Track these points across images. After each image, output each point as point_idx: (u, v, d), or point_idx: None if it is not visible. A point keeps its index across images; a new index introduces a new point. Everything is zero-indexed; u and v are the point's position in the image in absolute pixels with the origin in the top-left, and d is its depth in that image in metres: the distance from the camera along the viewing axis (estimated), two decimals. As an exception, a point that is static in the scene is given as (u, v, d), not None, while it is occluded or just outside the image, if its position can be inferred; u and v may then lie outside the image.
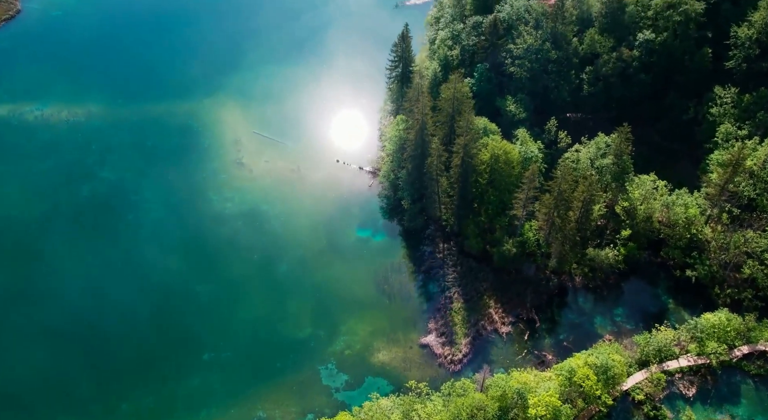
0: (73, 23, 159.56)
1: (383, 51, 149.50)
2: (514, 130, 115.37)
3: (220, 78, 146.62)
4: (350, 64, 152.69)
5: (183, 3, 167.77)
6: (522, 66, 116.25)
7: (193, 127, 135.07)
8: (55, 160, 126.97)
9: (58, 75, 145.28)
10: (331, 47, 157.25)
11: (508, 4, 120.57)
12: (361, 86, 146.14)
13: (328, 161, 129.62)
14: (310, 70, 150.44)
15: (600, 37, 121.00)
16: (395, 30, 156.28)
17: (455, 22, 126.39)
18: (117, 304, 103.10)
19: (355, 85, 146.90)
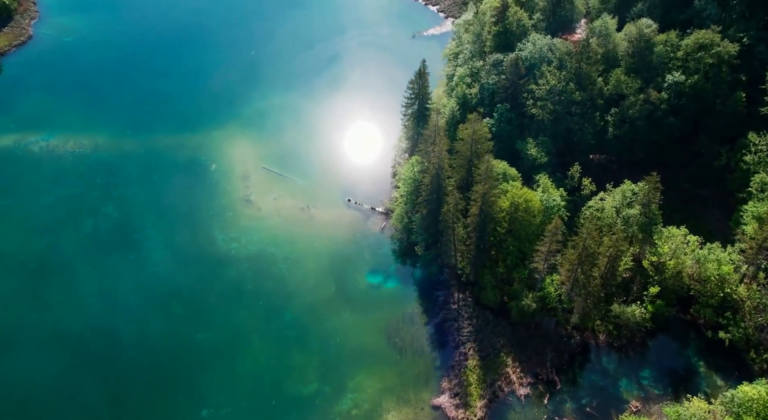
0: (84, 50, 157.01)
1: (399, 84, 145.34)
2: (535, 174, 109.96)
3: (231, 108, 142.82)
4: (364, 96, 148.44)
5: (196, 30, 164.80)
6: (544, 108, 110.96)
7: (201, 161, 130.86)
8: (59, 193, 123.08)
9: (67, 103, 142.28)
10: (345, 79, 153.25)
11: (531, 42, 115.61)
12: (376, 121, 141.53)
13: (339, 200, 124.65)
14: (323, 102, 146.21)
15: (626, 77, 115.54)
16: (412, 62, 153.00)
17: (474, 59, 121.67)
18: (112, 354, 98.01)
19: (369, 119, 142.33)
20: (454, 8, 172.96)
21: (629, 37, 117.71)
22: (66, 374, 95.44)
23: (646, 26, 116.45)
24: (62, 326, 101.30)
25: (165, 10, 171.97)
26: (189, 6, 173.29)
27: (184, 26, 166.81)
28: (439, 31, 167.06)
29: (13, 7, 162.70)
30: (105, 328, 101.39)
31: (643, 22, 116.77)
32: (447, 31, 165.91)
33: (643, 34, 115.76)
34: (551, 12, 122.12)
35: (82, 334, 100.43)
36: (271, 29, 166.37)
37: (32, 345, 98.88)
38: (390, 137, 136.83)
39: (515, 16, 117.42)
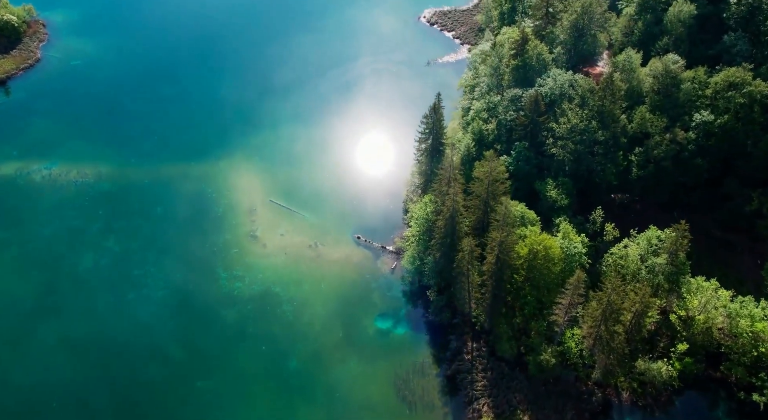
0: (91, 74, 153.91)
1: (413, 113, 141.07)
2: (554, 217, 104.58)
3: (239, 137, 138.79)
4: (377, 126, 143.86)
5: (207, 55, 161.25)
6: (565, 147, 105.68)
7: (207, 193, 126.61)
8: (59, 226, 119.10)
9: (71, 130, 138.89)
10: (357, 107, 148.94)
11: (551, 77, 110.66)
12: (388, 153, 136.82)
13: (348, 237, 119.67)
14: (334, 132, 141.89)
15: (651, 115, 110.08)
16: (427, 90, 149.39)
17: (492, 93, 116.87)
18: (106, 402, 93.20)
19: (381, 151, 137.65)
20: (470, 35, 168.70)
21: (654, 72, 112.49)
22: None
23: (673, 62, 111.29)
24: (53, 374, 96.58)
25: (177, 33, 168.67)
26: (201, 30, 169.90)
27: (196, 50, 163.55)
28: (454, 59, 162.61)
29: (22, 29, 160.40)
30: (99, 375, 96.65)
31: (670, 58, 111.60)
32: (462, 59, 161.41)
33: (670, 71, 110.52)
34: (573, 46, 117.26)
35: (74, 382, 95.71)
36: (283, 55, 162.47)
37: (21, 393, 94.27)
38: (402, 170, 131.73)
39: (535, 50, 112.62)
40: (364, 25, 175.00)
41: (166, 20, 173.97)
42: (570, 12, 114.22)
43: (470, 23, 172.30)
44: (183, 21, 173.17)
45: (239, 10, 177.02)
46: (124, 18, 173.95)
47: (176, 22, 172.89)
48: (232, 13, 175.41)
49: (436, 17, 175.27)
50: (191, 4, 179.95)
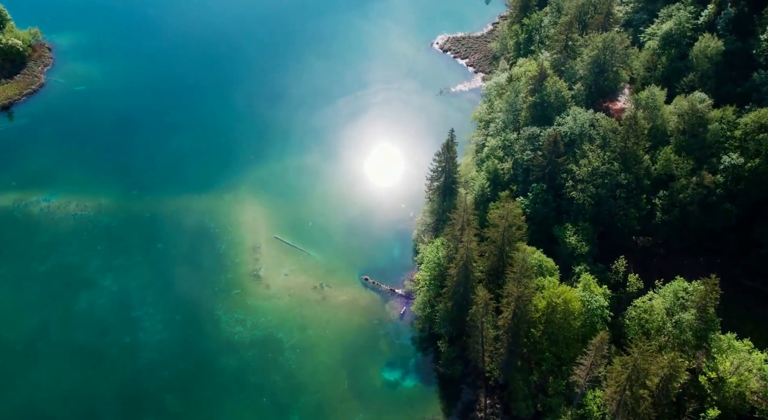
0: (95, 100, 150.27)
1: (425, 146, 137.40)
2: (574, 264, 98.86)
3: (244, 169, 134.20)
4: (386, 159, 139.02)
5: (214, 81, 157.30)
6: (585, 191, 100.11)
7: (210, 228, 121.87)
8: (56, 261, 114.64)
9: (73, 159, 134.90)
10: (366, 138, 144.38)
11: (571, 116, 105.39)
12: (398, 188, 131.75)
13: (355, 278, 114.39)
14: (342, 164, 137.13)
15: (677, 157, 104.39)
16: (438, 121, 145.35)
17: (507, 131, 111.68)
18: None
19: (391, 186, 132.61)
20: (483, 63, 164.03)
21: (680, 111, 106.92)
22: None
23: (699, 101, 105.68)
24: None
25: (185, 57, 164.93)
26: (209, 55, 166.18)
27: (204, 75, 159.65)
28: (467, 87, 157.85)
29: (27, 53, 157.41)
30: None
31: (696, 96, 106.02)
32: (476, 88, 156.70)
33: (696, 110, 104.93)
34: (593, 82, 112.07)
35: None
36: (292, 81, 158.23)
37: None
38: (413, 206, 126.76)
39: (554, 87, 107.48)
40: (375, 51, 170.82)
41: (175, 44, 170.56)
42: (591, 47, 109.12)
43: (484, 50, 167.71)
44: (192, 45, 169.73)
45: (248, 35, 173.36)
46: (132, 40, 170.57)
47: (185, 46, 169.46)
48: (241, 38, 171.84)
49: (450, 44, 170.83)
50: (201, 28, 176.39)
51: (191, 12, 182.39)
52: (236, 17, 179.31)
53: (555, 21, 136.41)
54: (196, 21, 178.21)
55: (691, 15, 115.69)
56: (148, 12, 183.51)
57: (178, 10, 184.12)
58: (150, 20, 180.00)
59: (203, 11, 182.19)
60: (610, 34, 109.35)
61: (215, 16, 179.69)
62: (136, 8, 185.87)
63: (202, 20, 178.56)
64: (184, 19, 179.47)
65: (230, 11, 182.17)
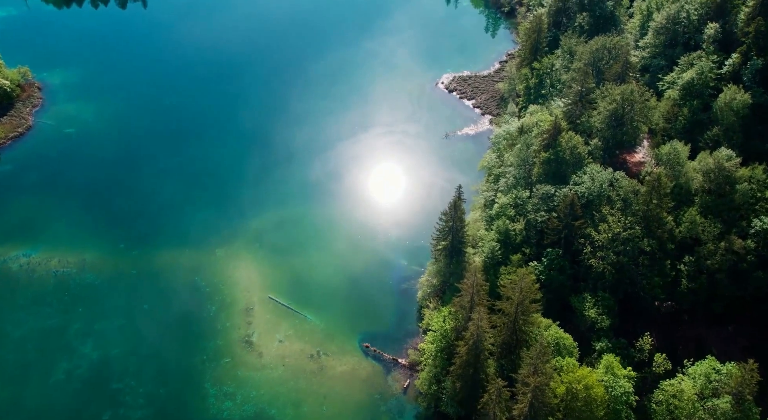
0: (85, 143, 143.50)
1: (429, 196, 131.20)
2: (593, 339, 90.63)
3: (239, 221, 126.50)
4: (388, 211, 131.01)
5: (209, 125, 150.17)
6: (605, 258, 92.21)
7: (200, 287, 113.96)
8: (33, 325, 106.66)
9: (58, 209, 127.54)
10: (368, 187, 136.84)
11: (588, 175, 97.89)
12: (402, 244, 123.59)
13: (355, 345, 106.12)
14: (342, 215, 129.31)
15: (703, 219, 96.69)
16: (444, 169, 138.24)
17: (519, 188, 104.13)
18: None
19: (394, 241, 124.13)
20: (491, 104, 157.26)
21: (705, 169, 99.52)
22: None
23: (726, 158, 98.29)
24: None
25: (180, 99, 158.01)
26: (205, 95, 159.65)
27: (199, 117, 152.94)
28: (474, 131, 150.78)
29: (15, 93, 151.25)
30: None
31: (723, 154, 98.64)
32: (484, 131, 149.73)
33: (723, 168, 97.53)
34: (611, 136, 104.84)
35: None
36: (290, 123, 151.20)
37: None
38: (417, 259, 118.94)
39: (569, 143, 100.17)
40: (378, 91, 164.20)
41: (172, 83, 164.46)
42: (609, 100, 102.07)
43: (491, 91, 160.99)
44: (189, 85, 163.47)
45: (247, 76, 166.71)
46: (127, 78, 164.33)
47: (182, 86, 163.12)
48: (240, 79, 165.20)
49: (455, 83, 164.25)
50: (198, 66, 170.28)
51: (189, 50, 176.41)
52: (235, 56, 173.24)
53: (567, 66, 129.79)
54: (193, 59, 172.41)
55: (714, 64, 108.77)
56: (145, 49, 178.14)
57: (176, 48, 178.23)
58: (146, 57, 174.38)
59: (201, 49, 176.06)
60: (629, 87, 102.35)
61: (213, 54, 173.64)
62: (132, 44, 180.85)
63: (199, 58, 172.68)
64: (182, 58, 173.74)
65: (229, 49, 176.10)
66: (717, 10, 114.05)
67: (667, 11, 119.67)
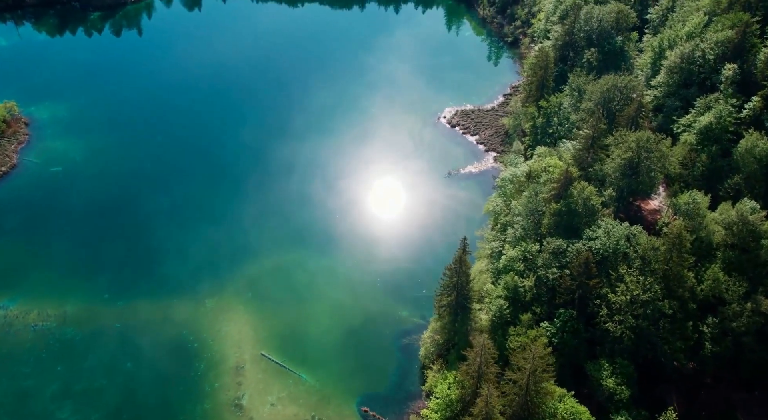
0: (71, 183, 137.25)
1: (432, 242, 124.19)
2: (611, 410, 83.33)
3: (231, 269, 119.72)
4: (388, 258, 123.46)
5: (203, 162, 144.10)
6: (623, 322, 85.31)
7: (188, 343, 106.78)
8: (6, 388, 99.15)
9: (40, 256, 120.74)
10: (367, 230, 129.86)
11: (602, 229, 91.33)
12: (402, 292, 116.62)
13: (353, 409, 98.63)
14: (340, 263, 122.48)
15: (726, 277, 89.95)
16: (448, 210, 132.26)
17: (528, 241, 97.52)
18: None
19: (394, 290, 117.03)
20: (495, 140, 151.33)
21: (727, 222, 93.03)
22: None
23: (750, 211, 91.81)
24: None
25: (172, 133, 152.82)
26: (199, 129, 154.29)
27: (191, 154, 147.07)
28: (478, 169, 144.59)
29: (0, 130, 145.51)
30: None
31: (746, 206, 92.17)
32: (488, 169, 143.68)
33: (747, 221, 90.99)
34: (626, 185, 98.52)
35: None
36: (287, 161, 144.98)
37: None
38: (418, 310, 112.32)
39: (581, 194, 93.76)
40: (378, 127, 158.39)
41: (163, 117, 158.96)
42: (623, 148, 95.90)
43: (495, 126, 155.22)
44: (181, 119, 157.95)
45: (242, 112, 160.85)
46: (118, 113, 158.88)
47: (173, 121, 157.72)
48: (234, 115, 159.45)
49: (458, 118, 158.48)
50: (192, 100, 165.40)
51: (183, 82, 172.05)
52: (230, 92, 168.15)
53: (576, 105, 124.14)
54: (187, 93, 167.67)
55: (734, 109, 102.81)
56: (138, 80, 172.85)
57: (170, 79, 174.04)
58: (139, 89, 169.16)
59: (196, 82, 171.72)
60: (645, 134, 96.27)
61: (209, 87, 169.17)
62: (125, 75, 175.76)
63: (194, 92, 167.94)
64: (176, 90, 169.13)
65: (224, 84, 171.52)
66: (734, 50, 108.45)
67: (681, 50, 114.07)
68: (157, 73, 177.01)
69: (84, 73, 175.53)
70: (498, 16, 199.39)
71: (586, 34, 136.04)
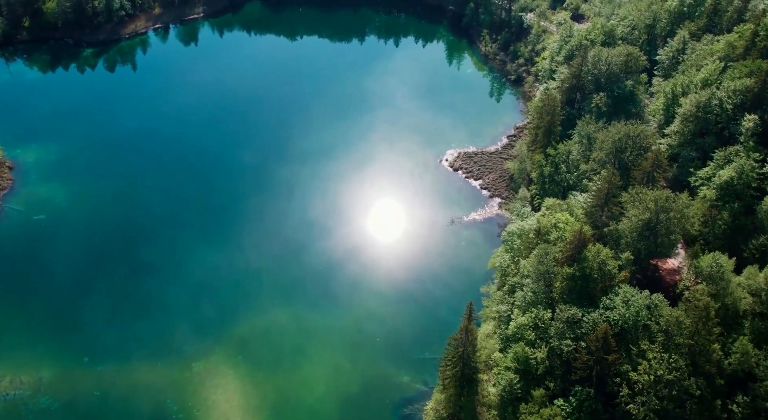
0: (54, 233, 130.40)
1: (435, 300, 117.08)
2: None
3: (220, 327, 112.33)
4: (390, 315, 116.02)
5: (190, 217, 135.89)
6: (647, 404, 77.69)
7: (172, 414, 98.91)
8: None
9: (17, 315, 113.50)
10: (366, 285, 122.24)
11: (621, 298, 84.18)
12: (402, 354, 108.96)
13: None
14: (338, 320, 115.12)
15: (756, 350, 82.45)
16: (451, 263, 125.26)
17: (539, 307, 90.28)
18: None
19: (394, 352, 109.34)
20: (500, 185, 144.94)
21: (755, 288, 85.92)
22: None
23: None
24: None
25: (163, 182, 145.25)
26: (190, 177, 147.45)
27: (181, 203, 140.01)
28: (482, 216, 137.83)
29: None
30: None
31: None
32: (492, 217, 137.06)
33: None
34: (644, 247, 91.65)
35: None
36: (282, 210, 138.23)
37: None
38: (420, 373, 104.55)
39: (596, 258, 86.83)
40: (377, 171, 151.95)
41: (155, 160, 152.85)
42: (641, 209, 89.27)
43: (500, 170, 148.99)
44: (172, 164, 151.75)
45: (236, 158, 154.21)
46: (106, 156, 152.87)
47: (165, 164, 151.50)
48: (227, 161, 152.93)
49: (460, 161, 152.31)
50: (185, 141, 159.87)
51: (177, 122, 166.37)
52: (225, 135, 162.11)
53: (585, 153, 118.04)
54: (181, 134, 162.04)
55: (756, 163, 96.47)
56: (130, 119, 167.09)
57: (163, 118, 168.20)
58: (131, 130, 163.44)
59: (190, 123, 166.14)
60: (663, 194, 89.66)
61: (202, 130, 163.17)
62: (118, 114, 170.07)
63: (188, 134, 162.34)
64: (169, 131, 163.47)
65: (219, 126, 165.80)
66: (754, 99, 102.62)
67: (696, 98, 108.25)
68: (150, 111, 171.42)
69: (75, 112, 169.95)
70: (500, 52, 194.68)
71: (594, 78, 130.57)
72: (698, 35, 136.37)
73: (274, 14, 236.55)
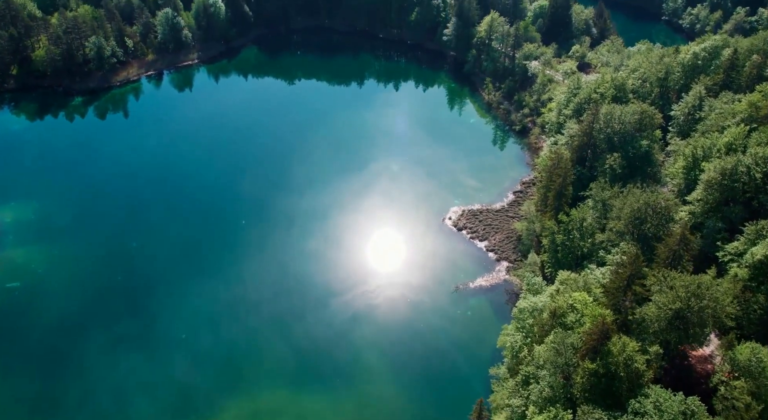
0: (28, 303, 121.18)
1: (439, 380, 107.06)
2: None
3: (210, 410, 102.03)
4: (388, 398, 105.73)
5: (176, 283, 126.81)
6: None
7: None
8: None
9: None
10: (366, 356, 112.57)
11: (651, 402, 74.31)
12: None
13: None
14: (334, 406, 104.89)
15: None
16: (456, 335, 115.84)
17: (558, 405, 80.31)
18: None
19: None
20: (507, 247, 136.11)
21: (801, 386, 76.26)
22: None
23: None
24: None
25: (149, 242, 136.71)
26: (179, 235, 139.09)
27: (169, 262, 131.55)
28: (489, 282, 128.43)
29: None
30: None
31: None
32: (499, 283, 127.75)
33: (827, 389, 74.27)
34: (675, 338, 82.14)
35: None
36: (274, 276, 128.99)
37: None
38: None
39: (621, 354, 77.29)
40: (376, 231, 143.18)
41: (141, 218, 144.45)
42: (670, 297, 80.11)
43: (506, 230, 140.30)
44: (160, 222, 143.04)
45: (228, 215, 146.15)
46: (89, 216, 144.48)
47: (152, 223, 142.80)
48: (219, 220, 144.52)
49: (465, 220, 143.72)
50: (175, 196, 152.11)
51: (167, 175, 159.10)
52: (218, 194, 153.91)
53: (601, 221, 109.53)
54: (171, 188, 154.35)
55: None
56: (117, 173, 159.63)
57: (152, 172, 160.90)
58: (117, 185, 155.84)
59: (182, 175, 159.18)
60: (696, 280, 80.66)
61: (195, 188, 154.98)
62: (105, 167, 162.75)
63: (178, 188, 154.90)
64: (158, 186, 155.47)
65: (214, 180, 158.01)
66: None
67: (721, 164, 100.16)
68: (141, 160, 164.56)
69: (60, 164, 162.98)
70: (504, 101, 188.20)
71: (607, 136, 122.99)
72: (715, 91, 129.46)
73: (270, 60, 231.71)
